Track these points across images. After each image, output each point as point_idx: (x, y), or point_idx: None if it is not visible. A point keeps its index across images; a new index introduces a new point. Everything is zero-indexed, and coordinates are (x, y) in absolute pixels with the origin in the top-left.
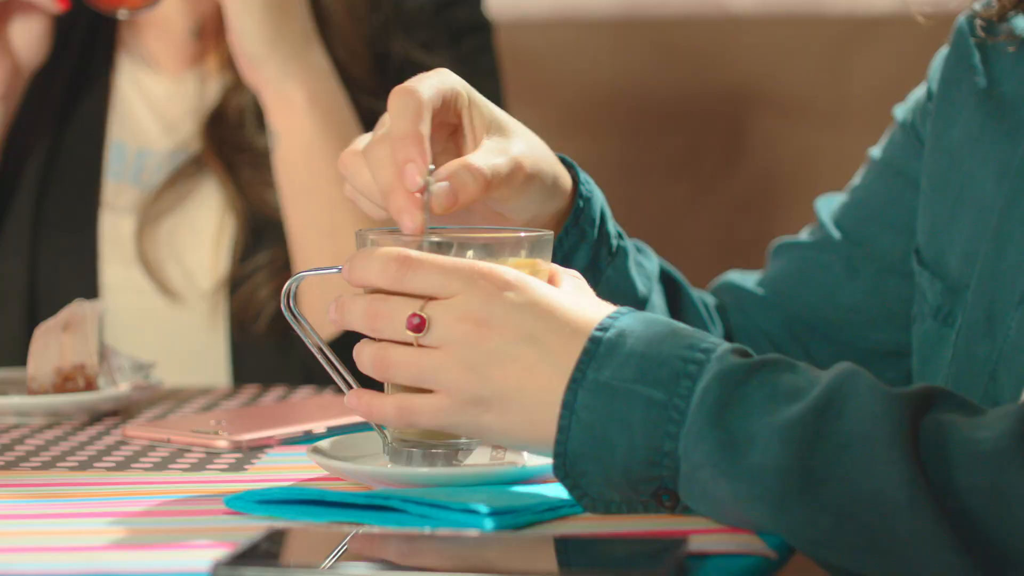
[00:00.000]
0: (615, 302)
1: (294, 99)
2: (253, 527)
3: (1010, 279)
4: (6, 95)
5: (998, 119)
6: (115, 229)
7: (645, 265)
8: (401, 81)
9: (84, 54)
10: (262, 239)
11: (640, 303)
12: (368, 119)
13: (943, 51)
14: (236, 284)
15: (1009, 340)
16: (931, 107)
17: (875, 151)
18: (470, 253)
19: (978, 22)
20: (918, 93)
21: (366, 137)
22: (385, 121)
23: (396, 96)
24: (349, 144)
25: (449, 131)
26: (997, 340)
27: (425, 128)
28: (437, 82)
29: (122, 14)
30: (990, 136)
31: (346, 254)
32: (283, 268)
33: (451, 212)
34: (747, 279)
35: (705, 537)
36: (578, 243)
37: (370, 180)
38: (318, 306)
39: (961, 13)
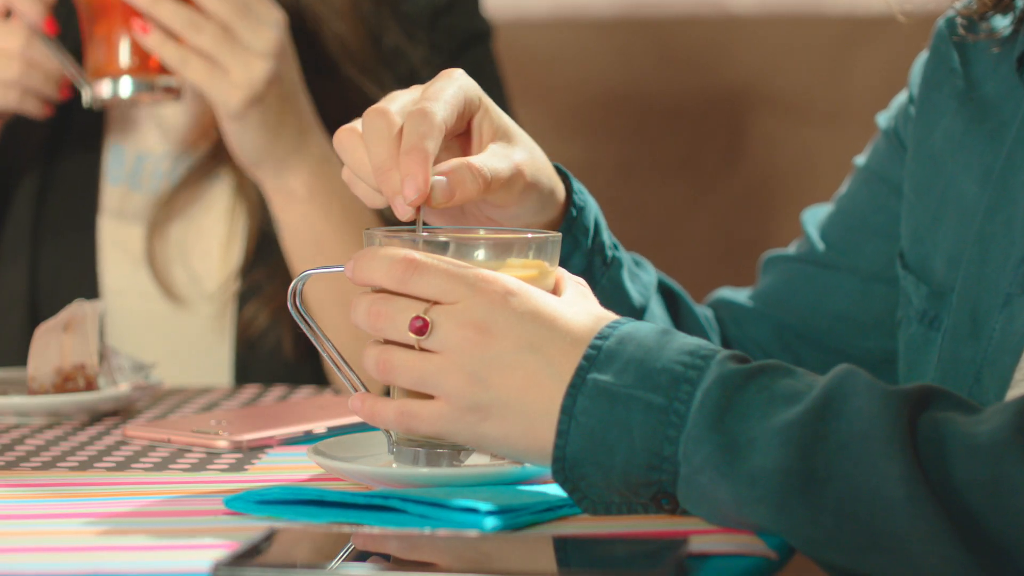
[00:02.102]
0: (610, 311)
1: (295, 191)
2: (253, 527)
3: (994, 281)
4: None
5: (980, 121)
6: (116, 233)
7: (641, 276)
8: (399, 67)
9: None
10: (267, 247)
11: (636, 313)
12: (361, 102)
13: (923, 55)
14: (243, 296)
15: (993, 342)
16: (912, 111)
17: (860, 159)
18: (478, 253)
19: (959, 20)
20: (900, 99)
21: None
22: (390, 97)
23: (412, 117)
24: (353, 225)
25: (458, 133)
26: (981, 342)
27: (432, 146)
28: (453, 96)
29: (141, 106)
30: (972, 139)
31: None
32: (281, 289)
33: (447, 207)
34: (738, 294)
35: (705, 537)
36: (571, 252)
37: (365, 158)
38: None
39: (942, 16)
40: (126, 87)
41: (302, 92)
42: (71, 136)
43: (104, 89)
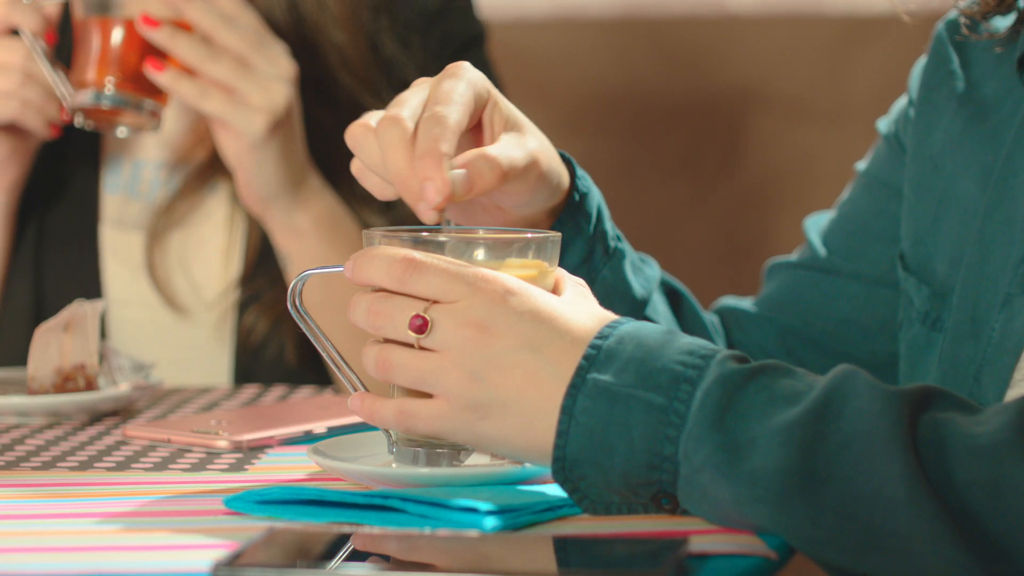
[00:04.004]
0: (611, 302)
1: (301, 224)
2: (253, 527)
3: (993, 281)
4: (24, 178)
5: (979, 122)
6: (117, 243)
7: (645, 270)
8: (395, 76)
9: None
10: (268, 255)
11: (638, 305)
12: (359, 113)
13: (922, 60)
14: (243, 304)
15: (993, 342)
16: (912, 114)
17: (861, 165)
18: (477, 253)
19: (962, 20)
20: (900, 104)
21: (377, 113)
22: (400, 99)
23: (425, 123)
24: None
25: (470, 128)
26: (981, 342)
27: (447, 147)
28: (463, 95)
29: (121, 131)
30: (972, 140)
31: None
32: (281, 296)
33: (466, 199)
34: (742, 302)
35: (705, 537)
36: (573, 238)
37: (378, 151)
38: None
39: (941, 19)
40: (108, 98)
41: (301, 120)
42: (70, 146)
43: (84, 98)
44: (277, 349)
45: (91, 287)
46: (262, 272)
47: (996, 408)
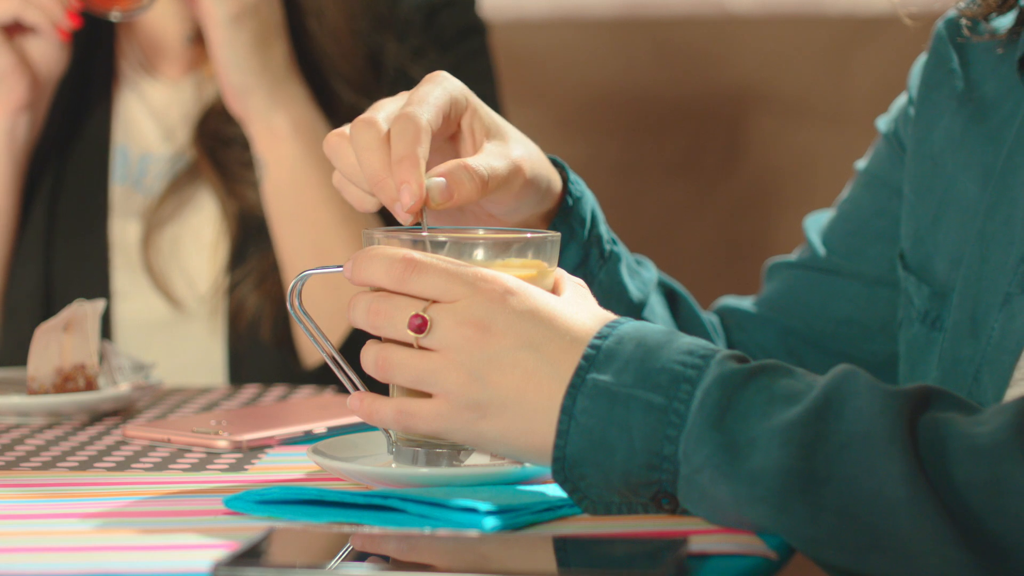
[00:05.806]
0: (608, 306)
1: (280, 128)
2: (253, 527)
3: (993, 281)
4: (30, 105)
5: (979, 121)
6: (122, 236)
7: (641, 273)
8: (394, 82)
9: (85, 62)
10: (250, 242)
11: (635, 308)
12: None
13: (922, 57)
14: (230, 291)
15: (992, 342)
16: (912, 112)
17: (861, 163)
18: (477, 253)
19: (963, 21)
20: (899, 102)
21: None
22: (377, 105)
23: (397, 122)
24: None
25: (448, 135)
26: (981, 342)
27: (422, 151)
28: (438, 99)
29: (115, 16)
30: (972, 139)
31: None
32: (269, 274)
33: (446, 208)
34: (742, 301)
35: (705, 537)
36: (567, 242)
37: (355, 162)
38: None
39: (941, 17)
40: None
41: (283, 36)
42: (80, 139)
43: None
44: (259, 325)
45: (99, 278)
46: (250, 251)
47: (996, 408)
